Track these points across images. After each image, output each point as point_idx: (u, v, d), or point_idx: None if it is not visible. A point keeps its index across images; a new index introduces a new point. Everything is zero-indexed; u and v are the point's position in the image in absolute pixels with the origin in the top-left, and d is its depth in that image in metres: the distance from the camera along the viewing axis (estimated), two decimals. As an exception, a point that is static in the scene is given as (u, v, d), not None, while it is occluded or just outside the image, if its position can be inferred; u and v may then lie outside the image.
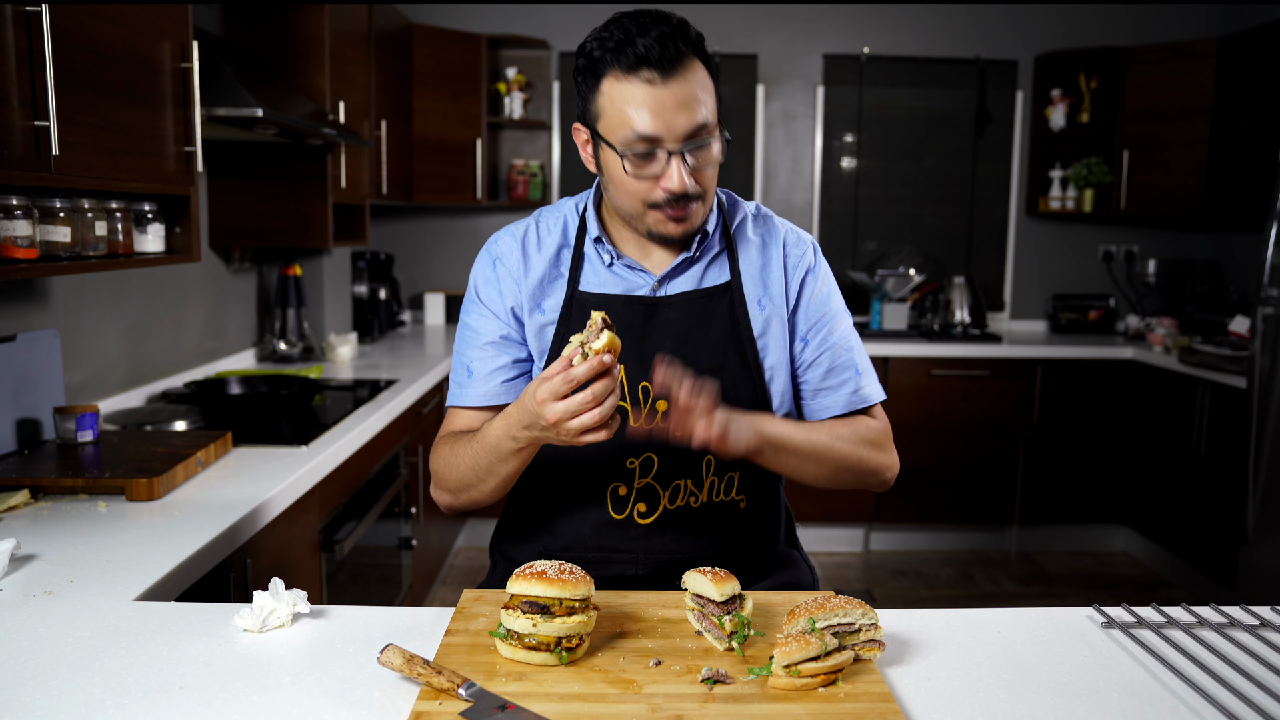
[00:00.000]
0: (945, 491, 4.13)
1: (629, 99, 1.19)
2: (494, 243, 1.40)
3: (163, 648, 1.07)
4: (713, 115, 1.23)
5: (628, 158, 1.21)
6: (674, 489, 1.32)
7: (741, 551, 1.36)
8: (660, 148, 1.20)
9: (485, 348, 1.36)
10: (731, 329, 1.34)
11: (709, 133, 1.22)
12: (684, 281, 1.35)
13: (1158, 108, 4.16)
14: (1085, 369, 4.08)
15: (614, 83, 1.20)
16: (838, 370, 1.38)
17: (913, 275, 4.32)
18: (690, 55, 1.21)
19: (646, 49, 1.17)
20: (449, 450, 1.32)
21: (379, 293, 4.05)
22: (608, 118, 1.22)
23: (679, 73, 1.19)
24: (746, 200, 1.45)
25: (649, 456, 1.31)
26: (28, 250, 1.60)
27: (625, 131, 1.20)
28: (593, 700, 0.94)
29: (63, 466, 1.76)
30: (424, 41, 4.01)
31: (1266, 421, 3.02)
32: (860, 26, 4.51)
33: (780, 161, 4.59)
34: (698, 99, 1.20)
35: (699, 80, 1.21)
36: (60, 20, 1.52)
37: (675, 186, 1.22)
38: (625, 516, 1.32)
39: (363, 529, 2.38)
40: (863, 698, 0.95)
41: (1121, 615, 1.18)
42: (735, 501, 1.35)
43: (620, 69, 1.19)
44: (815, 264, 1.41)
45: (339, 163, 3.08)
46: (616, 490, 1.32)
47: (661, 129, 1.19)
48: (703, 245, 1.35)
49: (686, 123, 1.19)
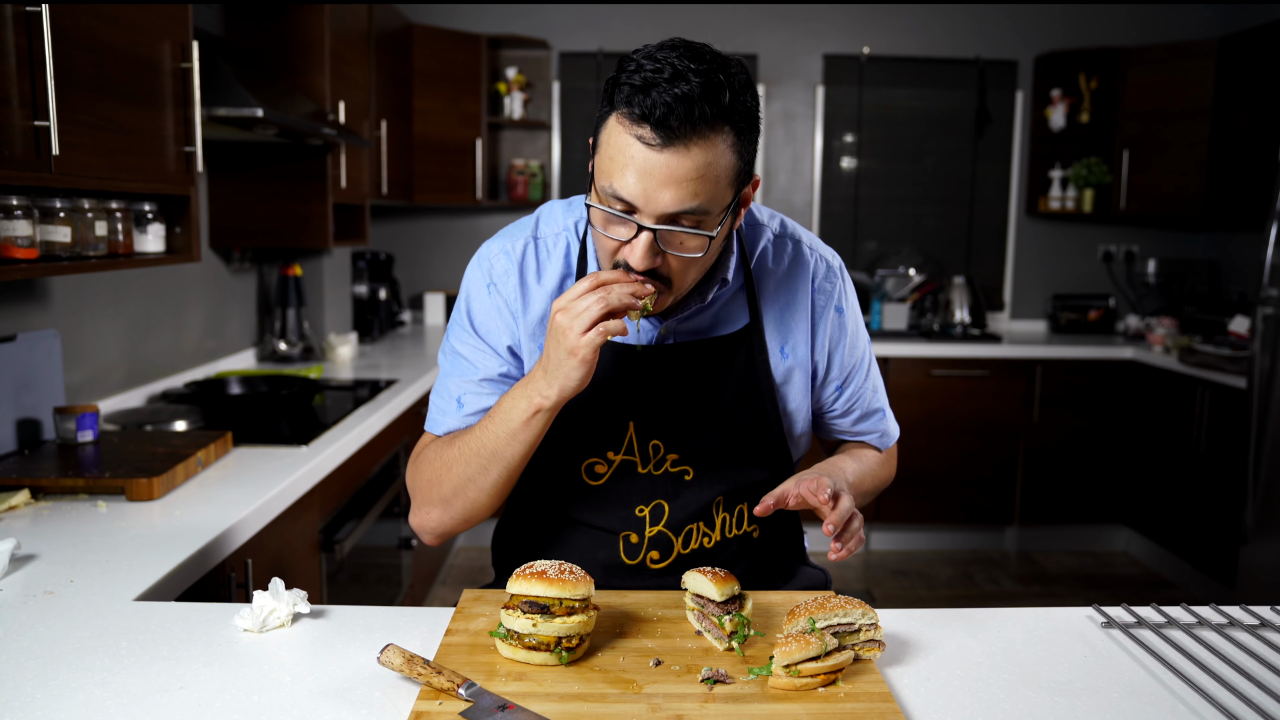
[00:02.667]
0: (945, 491, 4.13)
1: (620, 150, 1.03)
2: (489, 261, 1.26)
3: (163, 648, 1.07)
4: (715, 203, 1.05)
5: (596, 210, 1.09)
6: (687, 534, 1.25)
7: (758, 578, 1.32)
8: (634, 217, 1.05)
9: (481, 384, 1.25)
10: (749, 378, 1.24)
11: (698, 221, 1.05)
12: (697, 323, 1.24)
13: (1158, 108, 4.16)
14: (1085, 369, 4.08)
15: (616, 124, 1.04)
16: (868, 417, 1.40)
17: (913, 275, 4.32)
18: (712, 126, 1.01)
19: (655, 106, 0.99)
20: (442, 451, 1.23)
21: (379, 293, 4.05)
22: (601, 157, 1.07)
23: (686, 143, 1.01)
24: (767, 210, 1.32)
25: (659, 504, 1.24)
26: (28, 250, 1.60)
27: (606, 182, 1.05)
28: (593, 700, 0.94)
29: (63, 466, 1.76)
30: (424, 41, 4.01)
31: (1266, 421, 3.02)
32: (860, 26, 4.51)
33: (780, 161, 4.59)
34: (700, 179, 1.02)
35: (710, 158, 1.02)
36: (60, 20, 1.52)
37: (636, 265, 1.07)
38: (638, 563, 1.26)
39: (363, 529, 2.38)
40: (863, 698, 0.95)
41: (1121, 615, 1.18)
42: (749, 533, 1.30)
43: (626, 114, 1.02)
44: (845, 299, 1.31)
45: (339, 163, 3.08)
46: (628, 538, 1.25)
47: (640, 198, 1.03)
48: (719, 293, 1.23)
49: (671, 202, 1.02)
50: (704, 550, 1.27)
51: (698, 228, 1.06)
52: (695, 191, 1.03)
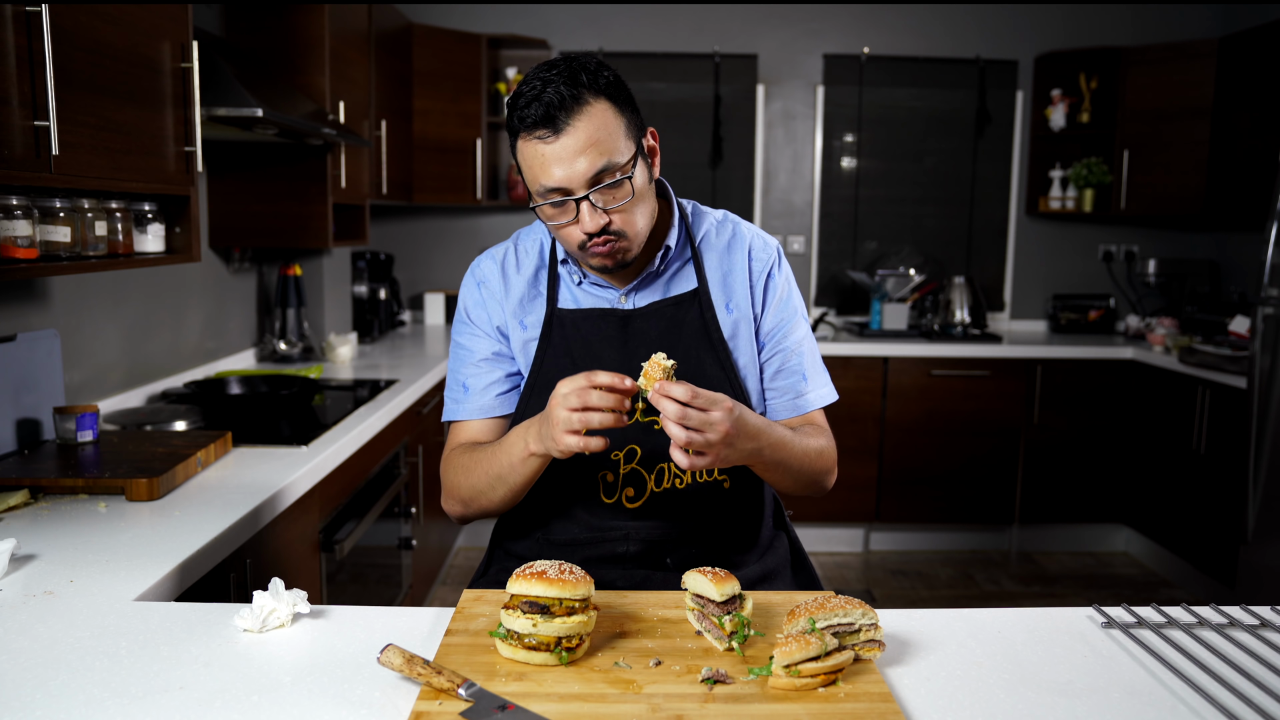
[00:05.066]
0: (945, 491, 4.13)
1: (533, 157, 1.25)
2: (477, 267, 1.48)
3: (163, 648, 1.07)
4: (621, 154, 1.26)
5: (543, 209, 1.29)
6: (659, 473, 1.38)
7: (728, 529, 1.42)
8: (569, 196, 1.26)
9: (479, 364, 1.44)
10: (703, 333, 1.41)
11: (618, 172, 1.26)
12: (652, 292, 1.42)
13: (1158, 108, 4.16)
14: (1085, 369, 4.08)
15: (523, 143, 1.26)
16: (784, 373, 1.45)
17: (913, 275, 4.32)
18: (585, 102, 1.23)
19: (535, 110, 1.22)
20: (464, 459, 1.39)
21: (379, 293, 4.05)
22: (525, 173, 1.29)
23: (570, 123, 1.22)
24: (714, 209, 1.51)
25: (632, 448, 1.38)
26: (28, 250, 1.60)
27: (537, 186, 1.27)
28: (593, 700, 0.94)
29: (63, 466, 1.76)
30: (424, 41, 4.01)
31: (1266, 421, 3.02)
32: (860, 26, 4.51)
33: (780, 161, 4.59)
34: (597, 143, 1.23)
35: (598, 123, 1.24)
36: (60, 20, 1.52)
37: (588, 228, 1.26)
38: (615, 500, 1.39)
39: (363, 529, 2.38)
40: (863, 698, 0.95)
41: (1121, 615, 1.18)
42: (719, 482, 1.40)
43: (524, 130, 1.25)
44: (779, 267, 1.47)
45: (339, 163, 3.08)
46: (605, 477, 1.38)
47: (564, 180, 1.24)
48: (665, 260, 1.41)
49: (587, 168, 1.23)
50: (675, 490, 1.38)
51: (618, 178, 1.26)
52: (600, 152, 1.24)
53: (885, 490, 4.12)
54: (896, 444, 4.09)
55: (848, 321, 4.59)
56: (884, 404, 4.06)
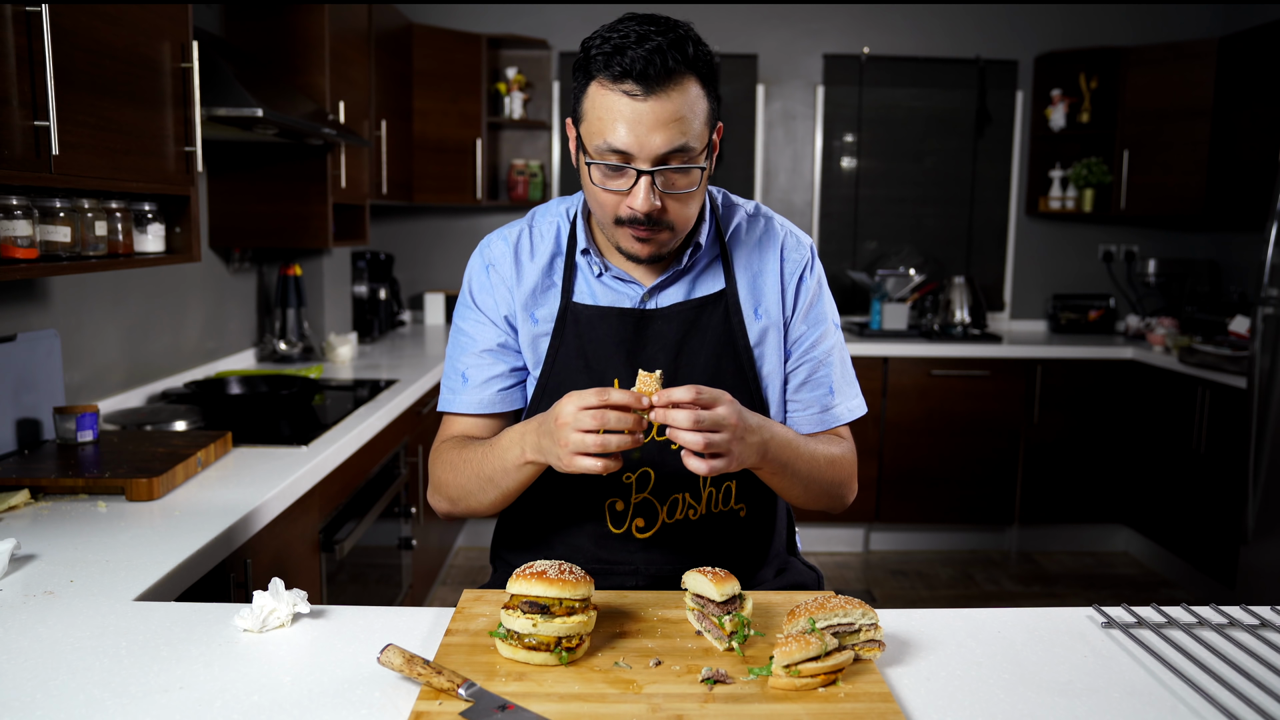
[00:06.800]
0: (945, 491, 4.13)
1: (608, 109, 1.15)
2: (487, 246, 1.37)
3: (163, 648, 1.07)
4: (697, 140, 1.17)
5: (597, 167, 1.18)
6: (672, 503, 1.30)
7: (743, 560, 1.35)
8: (631, 164, 1.16)
9: (481, 355, 1.34)
10: (726, 338, 1.31)
11: (687, 158, 1.17)
12: (675, 292, 1.32)
13: (1158, 108, 4.16)
14: (1085, 369, 4.08)
15: (599, 89, 1.16)
16: (811, 384, 1.36)
17: (913, 275, 4.32)
18: (684, 73, 1.14)
19: (633, 61, 1.12)
20: (454, 455, 1.30)
21: (379, 293, 4.05)
22: (589, 122, 1.18)
23: (665, 90, 1.13)
24: (745, 199, 1.42)
25: (645, 471, 1.29)
26: (28, 250, 1.60)
27: (599, 141, 1.16)
28: (593, 700, 0.94)
29: (63, 466, 1.76)
30: (424, 41, 4.01)
31: (1266, 421, 3.02)
32: (860, 26, 4.51)
33: (780, 161, 4.59)
34: (682, 120, 1.14)
35: (687, 101, 1.15)
36: (60, 20, 1.52)
37: (640, 207, 1.17)
38: (624, 531, 1.31)
39: (363, 529, 2.38)
40: (863, 698, 0.95)
41: (1121, 615, 1.18)
42: (735, 511, 1.33)
43: (607, 76, 1.14)
44: (811, 269, 1.37)
45: (339, 163, 3.08)
46: (614, 505, 1.30)
47: (634, 145, 1.14)
48: (694, 257, 1.32)
49: (662, 143, 1.14)
50: (689, 522, 1.31)
51: (687, 164, 1.17)
52: (682, 131, 1.15)
53: (885, 490, 4.12)
54: (896, 444, 4.09)
55: (848, 321, 4.59)
56: (884, 404, 4.06)
